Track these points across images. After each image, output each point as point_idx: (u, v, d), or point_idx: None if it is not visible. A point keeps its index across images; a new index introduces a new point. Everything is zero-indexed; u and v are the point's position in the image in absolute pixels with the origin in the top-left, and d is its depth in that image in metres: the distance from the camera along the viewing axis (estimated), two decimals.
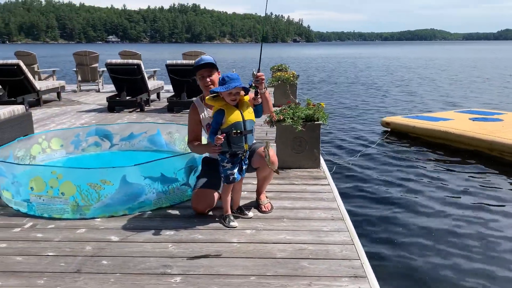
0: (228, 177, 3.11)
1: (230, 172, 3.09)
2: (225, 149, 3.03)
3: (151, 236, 3.02)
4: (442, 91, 16.99)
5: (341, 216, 3.35)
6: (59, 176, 3.28)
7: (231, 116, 2.97)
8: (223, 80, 2.96)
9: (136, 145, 5.09)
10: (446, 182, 5.78)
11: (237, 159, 3.10)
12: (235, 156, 3.08)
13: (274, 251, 2.78)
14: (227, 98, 2.98)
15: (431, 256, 3.87)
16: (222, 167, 3.11)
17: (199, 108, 3.43)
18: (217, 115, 2.99)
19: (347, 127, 9.67)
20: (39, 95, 9.08)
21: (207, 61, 3.31)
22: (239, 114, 3.00)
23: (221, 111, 2.98)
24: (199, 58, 3.36)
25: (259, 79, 3.09)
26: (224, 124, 2.98)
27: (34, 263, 2.67)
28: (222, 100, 3.01)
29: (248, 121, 3.04)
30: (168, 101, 8.33)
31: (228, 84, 2.93)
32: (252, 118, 3.08)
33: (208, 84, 3.31)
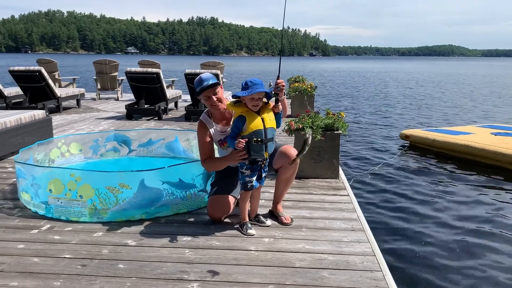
0: (246, 184, 3.05)
1: (248, 179, 3.04)
2: (258, 157, 2.97)
3: (168, 242, 2.98)
4: (462, 106, 16.75)
5: (362, 227, 3.27)
6: (77, 179, 3.28)
7: (253, 123, 2.91)
8: (246, 85, 2.91)
9: (154, 151, 5.09)
10: (466, 196, 5.65)
11: (256, 166, 3.04)
12: (254, 163, 3.01)
13: (293, 260, 2.72)
14: (249, 103, 2.92)
15: (454, 269, 3.75)
16: (241, 173, 3.06)
17: (208, 124, 3.29)
18: (238, 121, 2.94)
19: (366, 139, 9.56)
20: (59, 102, 9.21)
21: (209, 80, 3.14)
22: (261, 122, 2.93)
23: (242, 118, 2.92)
24: (198, 78, 3.19)
25: (279, 85, 3.04)
26: (245, 131, 2.92)
27: (51, 264, 2.66)
28: (244, 106, 2.95)
29: (269, 129, 2.97)
30: (186, 110, 8.36)
31: (251, 89, 2.87)
32: (273, 126, 3.00)
33: (215, 103, 3.17)
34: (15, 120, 5.38)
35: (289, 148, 3.28)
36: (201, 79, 3.16)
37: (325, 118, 4.51)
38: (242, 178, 3.06)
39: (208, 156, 3.27)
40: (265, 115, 2.97)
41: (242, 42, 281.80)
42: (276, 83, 3.07)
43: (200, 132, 3.29)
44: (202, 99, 3.21)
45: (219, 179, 3.43)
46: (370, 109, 15.39)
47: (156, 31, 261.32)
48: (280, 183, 3.36)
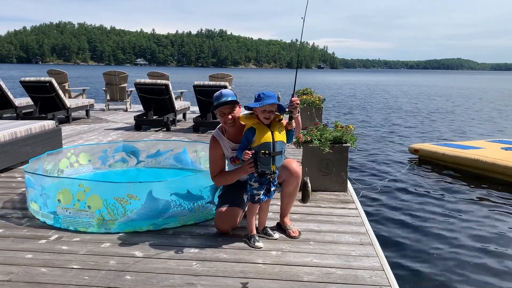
0: (253, 196, 3.06)
1: (256, 192, 3.05)
2: (265, 169, 2.99)
3: (175, 253, 2.97)
4: (472, 120, 16.64)
5: (370, 241, 3.24)
6: (86, 189, 3.29)
7: (262, 136, 2.94)
8: (258, 97, 2.94)
9: (162, 162, 5.10)
10: (475, 212, 5.58)
11: (265, 179, 3.04)
12: (263, 176, 3.02)
13: (301, 274, 2.69)
14: (261, 115, 2.95)
15: (465, 284, 3.69)
16: (249, 185, 3.06)
17: (220, 140, 3.26)
18: (248, 133, 2.97)
19: (375, 152, 9.51)
20: (68, 112, 9.30)
21: (229, 97, 3.10)
22: (270, 135, 2.95)
23: (253, 129, 2.96)
24: (219, 93, 3.14)
25: (293, 104, 3.03)
26: (253, 142, 2.95)
27: (58, 275, 2.66)
28: (255, 118, 2.99)
29: (278, 142, 2.96)
30: (194, 121, 8.40)
31: (263, 100, 2.90)
32: (283, 140, 3.00)
33: (229, 121, 3.14)
34: (25, 130, 5.43)
35: (291, 161, 3.29)
36: (221, 94, 3.13)
37: (334, 131, 4.50)
38: (250, 190, 3.06)
39: (218, 172, 3.28)
40: (275, 128, 2.99)
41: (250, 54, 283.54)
42: (290, 101, 3.04)
43: (212, 148, 3.27)
44: (217, 114, 3.19)
45: (226, 192, 3.42)
46: (379, 122, 15.34)
47: (165, 43, 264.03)
48: (284, 197, 3.36)
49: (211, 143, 3.28)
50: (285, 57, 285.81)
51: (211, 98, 8.64)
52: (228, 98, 3.09)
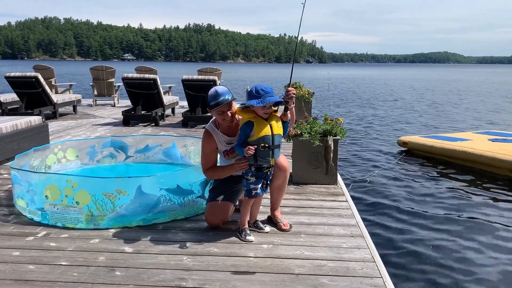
0: (250, 191, 3.02)
1: (253, 186, 3.01)
2: (251, 162, 2.95)
3: (166, 248, 2.94)
4: (460, 112, 16.81)
5: (361, 233, 3.25)
6: (74, 185, 3.25)
7: (261, 129, 2.89)
8: (257, 93, 2.87)
9: (151, 157, 5.05)
10: (463, 202, 5.64)
11: (262, 173, 3.01)
12: (260, 170, 2.99)
13: (292, 267, 2.69)
14: (260, 111, 2.90)
15: (455, 274, 3.73)
16: (246, 180, 3.02)
17: (214, 134, 3.22)
18: (246, 127, 2.91)
19: (364, 146, 9.56)
20: (55, 108, 9.17)
21: (225, 95, 3.04)
22: (269, 128, 2.92)
23: (250, 123, 2.90)
24: (214, 92, 3.07)
25: (290, 93, 3.01)
26: (252, 136, 2.91)
27: (46, 272, 2.62)
28: (252, 112, 2.94)
29: (276, 136, 2.96)
30: (183, 116, 8.34)
31: (264, 98, 2.84)
32: (280, 133, 2.99)
33: (228, 118, 3.11)
34: (11, 126, 5.34)
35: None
36: (217, 93, 3.05)
37: (323, 124, 4.50)
38: (246, 185, 3.02)
39: (211, 166, 3.26)
40: (273, 121, 2.96)
41: (239, 48, 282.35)
42: (286, 91, 3.04)
43: (205, 142, 3.24)
44: (214, 113, 3.13)
45: (218, 186, 3.40)
46: (369, 116, 15.42)
47: (152, 38, 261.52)
48: (273, 191, 3.34)
49: (205, 136, 3.24)
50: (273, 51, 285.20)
51: (200, 93, 8.57)
52: (225, 97, 3.03)
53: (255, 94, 2.86)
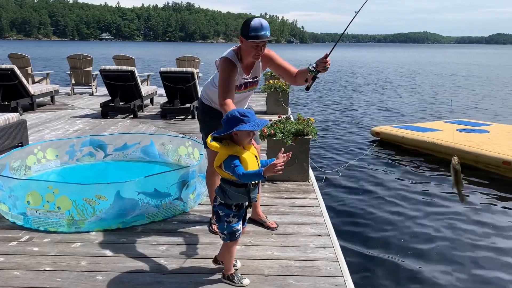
0: (234, 233, 2.61)
1: (236, 228, 2.61)
2: (243, 201, 2.60)
3: (145, 251, 3.13)
4: (435, 99, 17.22)
5: (327, 231, 3.49)
6: (55, 191, 3.39)
7: (251, 164, 2.51)
8: (244, 116, 2.45)
9: (129, 155, 5.19)
10: (433, 194, 5.93)
11: (242, 210, 2.65)
12: (241, 207, 2.64)
13: (262, 268, 2.91)
14: (246, 139, 2.51)
15: (416, 271, 4.00)
16: (227, 223, 2.59)
17: (236, 63, 3.10)
18: (229, 161, 2.48)
19: (338, 136, 9.79)
20: (32, 100, 9.13)
21: (267, 32, 2.97)
22: (255, 160, 2.56)
23: (235, 158, 2.47)
24: (259, 24, 2.95)
25: (327, 64, 2.98)
26: None
27: (31, 278, 2.78)
28: (234, 145, 2.51)
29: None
30: (162, 108, 8.43)
31: (255, 120, 2.47)
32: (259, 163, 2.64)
33: (259, 56, 3.07)
34: None
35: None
36: (261, 26, 2.96)
37: (296, 124, 4.70)
38: (228, 228, 2.60)
39: (230, 98, 3.01)
40: (254, 152, 2.60)
41: (219, 28, 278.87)
42: (324, 62, 2.98)
43: (227, 70, 3.05)
44: (248, 45, 3.02)
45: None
46: (345, 103, 15.67)
47: (130, 17, 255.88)
48: None
49: (226, 65, 3.07)
50: None
51: (178, 85, 8.65)
52: (267, 32, 3.00)
53: (241, 118, 2.44)
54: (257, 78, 3.37)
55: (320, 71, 3.01)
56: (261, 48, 3.05)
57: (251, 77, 3.29)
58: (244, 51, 3.11)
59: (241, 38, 3.06)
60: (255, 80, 3.36)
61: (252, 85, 3.35)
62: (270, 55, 3.31)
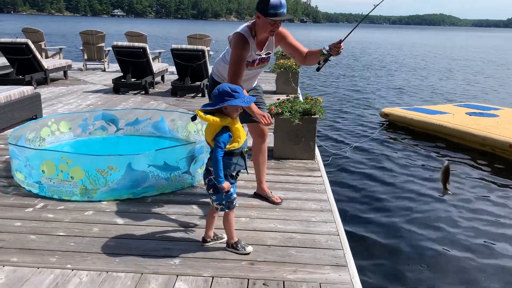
0: (232, 202, 2.75)
1: (233, 196, 2.75)
2: (238, 169, 2.75)
3: (154, 220, 3.28)
4: (449, 82, 17.06)
5: (330, 208, 3.60)
6: (69, 161, 3.53)
7: (242, 133, 2.68)
8: (234, 91, 2.58)
9: (140, 130, 5.32)
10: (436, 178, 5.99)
11: (234, 179, 2.80)
12: (235, 176, 2.80)
13: (265, 239, 3.04)
14: (235, 113, 2.65)
15: (413, 248, 4.11)
16: (225, 194, 2.71)
17: (249, 40, 3.13)
18: (225, 135, 2.60)
19: (347, 117, 9.83)
20: (46, 74, 9.28)
21: (285, 10, 3.05)
22: (244, 133, 2.73)
23: (227, 129, 2.61)
24: (278, 2, 3.01)
25: (339, 50, 3.06)
26: (235, 143, 2.65)
27: (46, 242, 2.94)
28: (226, 116, 2.62)
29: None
30: (172, 85, 8.52)
31: (244, 97, 2.62)
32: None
33: (274, 33, 3.13)
34: (4, 97, 5.53)
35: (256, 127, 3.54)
36: (281, 4, 3.02)
37: (303, 103, 4.77)
38: (226, 198, 2.72)
39: (240, 75, 3.10)
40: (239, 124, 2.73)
41: (232, 6, 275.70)
42: (338, 46, 3.06)
43: (240, 47, 3.09)
44: (265, 21, 3.06)
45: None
46: (356, 84, 15.61)
47: None
48: (256, 161, 3.66)
49: (240, 41, 3.10)
50: None
51: (189, 62, 8.71)
52: (284, 11, 3.07)
53: (232, 93, 2.58)
54: (270, 55, 3.43)
55: (332, 54, 3.08)
56: (277, 25, 3.11)
57: (264, 53, 3.35)
58: (259, 27, 3.15)
59: (258, 14, 3.09)
60: (268, 57, 3.42)
61: (264, 61, 3.42)
62: (283, 33, 3.36)
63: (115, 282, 2.51)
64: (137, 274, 2.58)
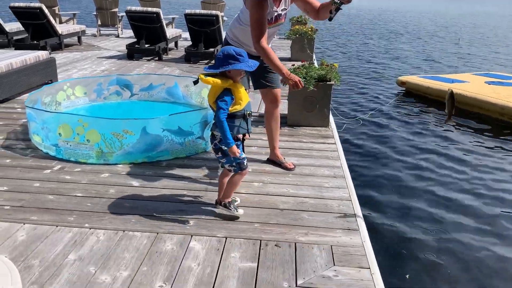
0: (242, 162, 2.74)
1: (242, 156, 2.71)
2: (243, 132, 2.74)
3: (168, 183, 3.33)
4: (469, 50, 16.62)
5: (343, 174, 3.60)
6: (85, 125, 3.57)
7: (244, 96, 2.66)
8: (239, 55, 2.56)
9: (154, 95, 5.33)
10: (453, 145, 5.93)
11: (239, 140, 2.80)
12: (240, 139, 2.81)
13: (278, 203, 3.08)
14: (238, 77, 2.64)
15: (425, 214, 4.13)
16: (234, 158, 2.70)
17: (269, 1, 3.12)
18: (227, 97, 2.58)
19: (363, 85, 9.69)
20: (60, 39, 9.27)
21: None
22: (247, 95, 2.71)
23: (229, 91, 2.60)
24: None
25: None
26: (237, 105, 2.63)
27: (64, 202, 3.02)
28: (228, 79, 2.60)
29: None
30: (186, 51, 8.46)
31: (248, 61, 2.59)
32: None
33: None
34: (20, 61, 5.57)
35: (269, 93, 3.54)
36: None
37: (319, 69, 4.70)
38: (235, 159, 2.70)
39: (265, 36, 3.08)
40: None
41: None
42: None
43: (259, 7, 3.05)
44: None
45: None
46: (374, 52, 15.31)
47: None
48: (267, 132, 3.66)
49: (260, 2, 3.06)
50: None
51: (203, 28, 8.60)
52: None
53: (237, 57, 2.55)
54: (286, 11, 3.36)
55: (344, 2, 3.00)
56: None
57: (280, 9, 3.28)
58: None
59: None
60: (284, 13, 3.36)
61: (280, 18, 3.35)
62: None
63: (131, 240, 2.58)
64: (152, 233, 2.65)
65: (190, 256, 2.45)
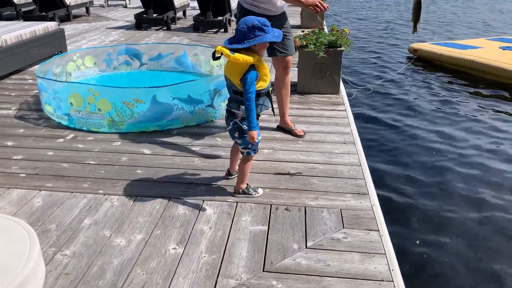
0: (257, 145, 2.63)
1: (259, 138, 2.55)
2: (265, 109, 2.60)
3: (179, 151, 3.36)
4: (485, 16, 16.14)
5: (353, 140, 3.60)
6: (95, 94, 3.60)
7: (267, 73, 2.47)
8: (265, 25, 2.35)
9: (163, 65, 5.31)
10: (465, 114, 5.84)
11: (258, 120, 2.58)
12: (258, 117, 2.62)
13: (288, 169, 3.10)
14: (263, 50, 2.47)
15: (435, 180, 4.13)
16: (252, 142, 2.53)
17: None
18: (254, 75, 2.40)
19: (375, 52, 9.51)
20: (68, 10, 9.23)
21: None
22: (268, 68, 2.51)
23: (254, 68, 2.40)
24: None
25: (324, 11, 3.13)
26: (262, 82, 2.46)
27: (78, 169, 3.08)
28: (252, 53, 2.40)
29: None
30: (194, 20, 8.37)
31: (273, 31, 2.40)
32: None
33: None
34: (29, 33, 5.57)
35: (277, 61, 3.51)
36: None
37: (329, 35, 4.63)
38: (251, 146, 2.62)
39: None
40: None
41: None
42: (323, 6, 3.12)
43: None
44: None
45: None
46: (386, 18, 14.95)
47: None
48: (278, 99, 3.65)
49: None
50: None
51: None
52: None
53: (263, 27, 2.34)
54: None
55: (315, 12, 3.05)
56: None
57: None
58: None
59: None
60: None
61: None
62: None
63: (144, 205, 2.64)
64: (165, 199, 2.70)
65: (202, 220, 2.50)
